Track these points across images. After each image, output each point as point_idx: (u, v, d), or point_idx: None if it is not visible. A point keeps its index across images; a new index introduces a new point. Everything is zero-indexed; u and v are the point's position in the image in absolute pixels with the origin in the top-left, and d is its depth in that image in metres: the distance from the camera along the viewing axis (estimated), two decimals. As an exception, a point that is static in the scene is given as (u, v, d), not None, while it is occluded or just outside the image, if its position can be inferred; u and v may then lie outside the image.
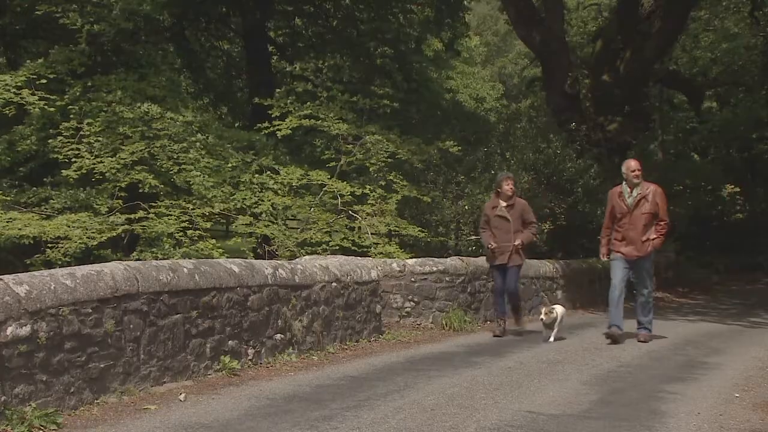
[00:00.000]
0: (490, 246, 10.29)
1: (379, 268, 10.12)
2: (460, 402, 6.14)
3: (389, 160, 14.16)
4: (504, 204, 10.29)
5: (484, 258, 11.01)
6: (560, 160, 15.99)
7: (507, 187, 10.36)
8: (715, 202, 28.49)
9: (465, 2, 23.02)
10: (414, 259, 11.18)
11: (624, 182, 9.92)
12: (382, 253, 12.38)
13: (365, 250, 12.66)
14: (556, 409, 6.00)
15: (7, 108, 12.72)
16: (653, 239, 9.68)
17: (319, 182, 13.68)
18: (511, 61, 46.61)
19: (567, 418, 5.73)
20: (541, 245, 15.39)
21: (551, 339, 9.77)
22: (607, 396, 6.56)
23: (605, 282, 16.03)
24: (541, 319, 9.86)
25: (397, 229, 13.62)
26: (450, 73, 32.02)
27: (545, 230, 15.19)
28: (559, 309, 10.09)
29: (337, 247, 12.61)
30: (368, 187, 13.76)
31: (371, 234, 13.19)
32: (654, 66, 20.19)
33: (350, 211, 13.44)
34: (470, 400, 6.20)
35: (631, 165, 9.94)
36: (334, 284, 8.77)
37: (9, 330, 5.12)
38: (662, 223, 9.74)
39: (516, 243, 10.15)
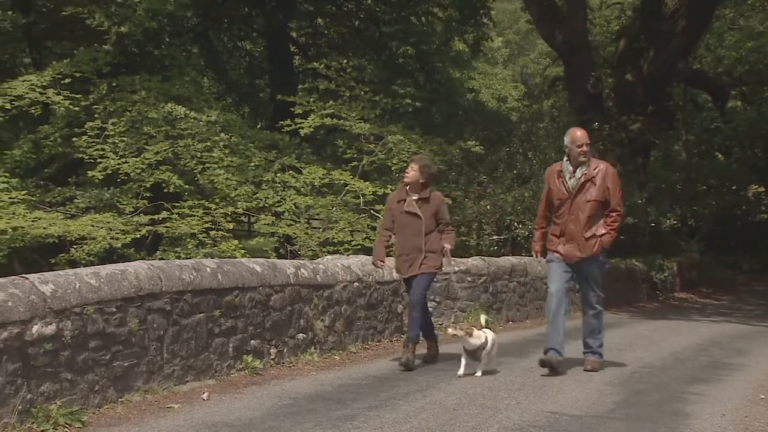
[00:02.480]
0: (376, 264, 8.09)
1: (401, 267, 10.09)
2: (482, 402, 6.13)
3: (411, 159, 14.14)
4: (415, 197, 7.85)
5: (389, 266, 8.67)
6: (583, 160, 15.89)
7: (412, 173, 7.85)
8: (739, 201, 28.28)
9: (488, 2, 22.95)
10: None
11: (566, 158, 7.60)
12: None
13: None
14: (578, 409, 5.98)
15: (33, 108, 12.86)
16: (601, 235, 7.45)
17: (342, 182, 13.70)
18: (533, 61, 46.43)
19: (590, 418, 5.71)
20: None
21: (478, 372, 7.24)
22: (630, 397, 6.52)
23: (627, 282, 16.12)
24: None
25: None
26: (472, 73, 31.95)
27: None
28: (491, 335, 7.46)
29: (359, 247, 12.62)
30: (390, 186, 13.75)
31: (393, 234, 13.15)
32: (678, 65, 20.05)
33: (372, 211, 13.44)
34: (492, 401, 6.19)
35: (576, 136, 7.47)
36: (356, 284, 8.78)
37: (35, 329, 5.17)
38: (614, 214, 7.47)
39: (447, 246, 7.81)
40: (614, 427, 5.53)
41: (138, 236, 11.76)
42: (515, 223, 15.05)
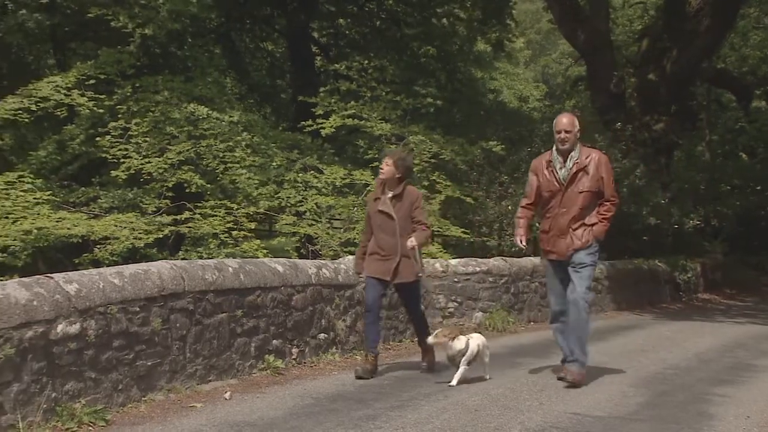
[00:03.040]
0: (357, 273, 7.66)
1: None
2: (504, 403, 6.12)
3: (432, 160, 14.14)
4: (390, 194, 7.31)
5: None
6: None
7: (386, 168, 7.32)
8: (763, 202, 27.96)
9: (510, 2, 22.92)
10: (457, 260, 11.15)
11: (554, 148, 7.16)
12: (424, 253, 12.34)
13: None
14: (602, 411, 5.94)
15: (58, 110, 12.98)
16: (592, 225, 7.00)
17: (363, 182, 13.70)
18: (554, 61, 46.26)
19: (613, 420, 5.68)
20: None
21: (453, 381, 6.73)
22: (654, 398, 6.48)
23: (650, 283, 16.02)
24: (428, 340, 7.08)
25: (439, 229, 13.58)
26: (493, 73, 31.89)
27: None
28: (474, 340, 6.98)
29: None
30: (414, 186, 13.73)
31: (414, 234, 13.14)
32: (701, 64, 19.92)
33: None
34: (514, 402, 6.17)
35: (561, 122, 7.06)
36: (377, 284, 8.76)
37: (59, 328, 5.21)
38: (608, 204, 7.04)
39: (409, 244, 7.08)
40: (638, 428, 5.50)
41: (161, 236, 11.82)
42: (537, 224, 14.97)
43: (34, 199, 11.69)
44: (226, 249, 11.68)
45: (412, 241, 7.08)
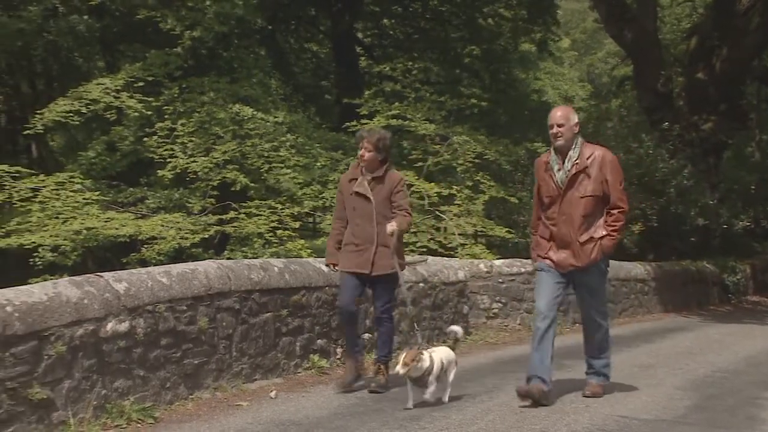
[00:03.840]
0: (330, 267, 6.90)
1: (467, 268, 10.08)
2: (550, 405, 6.06)
3: (476, 160, 14.09)
4: (369, 177, 6.56)
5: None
6: (652, 160, 15.65)
7: (368, 154, 6.56)
8: (816, 203, 27.45)
9: (555, 1, 22.78)
10: (501, 260, 11.10)
11: (553, 148, 6.29)
12: (468, 254, 12.32)
13: (452, 252, 12.62)
14: (648, 414, 5.87)
15: (108, 113, 13.19)
16: (600, 238, 6.12)
17: (407, 182, 13.69)
18: (600, 60, 45.82)
19: (660, 423, 5.61)
20: (630, 246, 15.11)
21: (426, 395, 5.89)
22: (702, 402, 6.38)
23: (698, 285, 15.80)
24: (397, 372, 5.86)
25: (483, 229, 13.54)
26: (538, 73, 31.72)
27: (636, 231, 14.92)
28: (438, 354, 6.08)
29: (425, 249, 12.61)
30: (455, 187, 13.71)
31: (458, 234, 13.13)
32: (752, 63, 19.57)
33: (437, 212, 13.41)
34: (560, 404, 6.12)
35: (553, 115, 6.21)
36: (421, 284, 8.78)
37: (109, 326, 5.29)
38: (615, 211, 6.11)
39: (389, 229, 6.35)
40: (686, 432, 5.43)
41: (206, 236, 11.96)
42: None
43: (84, 199, 11.90)
44: (271, 248, 11.77)
45: (392, 226, 6.33)
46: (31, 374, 4.77)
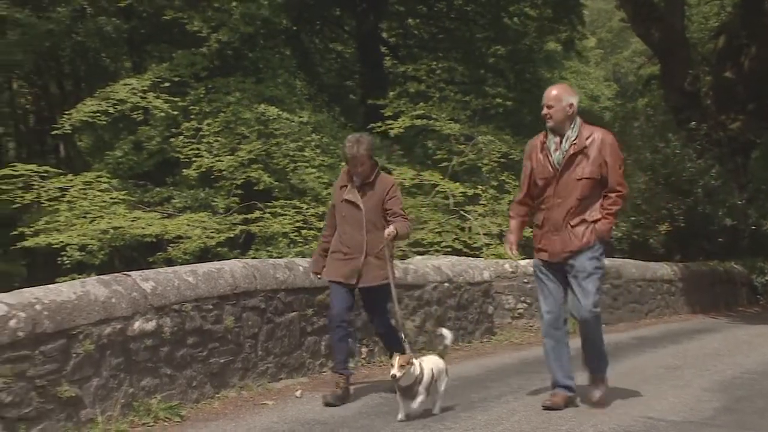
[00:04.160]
0: (315, 273, 6.47)
1: (492, 268, 10.05)
2: (576, 406, 6.03)
3: (502, 160, 14.07)
4: (359, 183, 6.19)
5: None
6: (679, 159, 15.53)
7: (361, 168, 6.13)
8: None
9: (581, 0, 22.67)
10: (526, 260, 11.03)
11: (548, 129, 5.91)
12: (494, 254, 12.29)
13: (477, 252, 12.60)
14: (676, 415, 5.82)
15: (135, 112, 13.30)
16: (594, 221, 5.74)
17: (431, 182, 13.69)
18: (626, 59, 45.53)
19: (688, 425, 5.55)
20: (657, 247, 15.00)
21: (414, 405, 5.48)
22: (731, 404, 6.31)
23: (726, 286, 15.65)
24: (393, 376, 5.38)
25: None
26: (564, 72, 31.55)
27: (662, 231, 14.82)
28: (427, 363, 5.68)
29: (450, 249, 12.59)
30: (480, 187, 13.69)
31: (483, 234, 13.10)
32: (782, 61, 19.34)
33: (462, 212, 13.39)
34: (586, 404, 6.08)
35: (547, 94, 5.88)
36: (446, 284, 8.77)
37: (136, 324, 5.33)
38: (613, 195, 5.75)
39: (387, 233, 5.97)
40: (714, 434, 5.38)
41: (232, 235, 12.02)
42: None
43: (111, 198, 12.02)
44: (296, 248, 11.82)
45: (390, 230, 5.95)
46: (59, 372, 4.81)
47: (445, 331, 6.14)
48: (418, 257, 10.51)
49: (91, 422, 4.98)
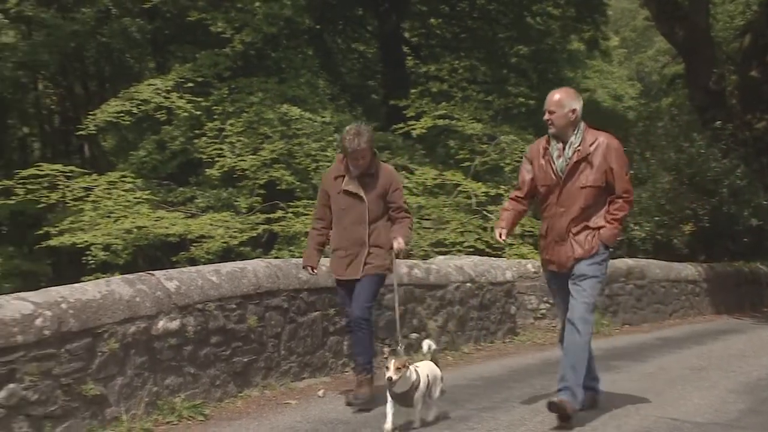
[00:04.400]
0: (307, 270, 6.16)
1: (514, 269, 10.02)
2: (599, 406, 6.00)
3: (524, 160, 14.01)
4: (357, 173, 5.88)
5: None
6: (704, 159, 15.40)
7: (364, 159, 5.83)
8: None
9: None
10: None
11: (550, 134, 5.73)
12: (516, 254, 12.25)
13: (499, 252, 12.56)
14: (701, 417, 5.77)
15: (159, 113, 13.38)
16: (598, 228, 5.53)
17: (454, 182, 13.67)
18: (650, 58, 45.24)
19: (713, 426, 5.51)
20: (681, 247, 14.90)
21: (414, 416, 5.28)
22: (756, 405, 6.25)
23: (752, 286, 15.51)
24: (389, 378, 5.06)
25: (531, 229, 13.44)
26: (587, 72, 31.40)
27: (686, 232, 14.71)
28: (423, 369, 5.34)
29: (472, 249, 12.56)
30: (503, 187, 13.65)
31: (506, 234, 13.04)
32: (809, 60, 19.16)
33: (485, 211, 13.36)
34: (609, 405, 6.05)
35: (549, 99, 5.72)
36: (468, 284, 8.75)
37: (160, 323, 5.37)
38: (620, 201, 5.56)
39: (396, 246, 5.76)
40: (739, 437, 5.33)
41: (254, 235, 12.06)
42: (631, 225, 14.69)
43: (135, 198, 12.10)
44: (318, 248, 11.81)
45: (399, 243, 5.74)
46: (85, 370, 4.85)
47: (429, 342, 5.73)
48: (441, 257, 10.49)
49: (116, 420, 5.02)
